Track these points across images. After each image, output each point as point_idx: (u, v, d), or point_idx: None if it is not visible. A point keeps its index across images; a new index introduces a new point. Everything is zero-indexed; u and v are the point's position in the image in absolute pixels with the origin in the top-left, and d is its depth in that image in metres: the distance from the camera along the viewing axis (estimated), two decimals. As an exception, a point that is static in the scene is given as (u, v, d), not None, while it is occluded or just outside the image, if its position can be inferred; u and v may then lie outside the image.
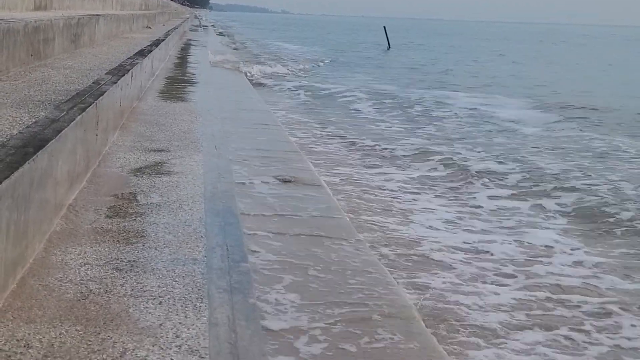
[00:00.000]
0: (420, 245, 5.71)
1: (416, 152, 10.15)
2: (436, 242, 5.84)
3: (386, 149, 10.29)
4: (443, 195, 7.73)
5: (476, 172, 8.81)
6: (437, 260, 5.34)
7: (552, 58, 41.60)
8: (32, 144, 2.80)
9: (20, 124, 3.25)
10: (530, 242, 6.02)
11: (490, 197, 7.68)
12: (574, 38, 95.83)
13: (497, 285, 4.96)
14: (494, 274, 5.18)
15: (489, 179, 8.48)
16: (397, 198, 7.40)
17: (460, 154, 10.20)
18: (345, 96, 17.28)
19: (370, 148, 10.28)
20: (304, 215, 3.69)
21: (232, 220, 3.44)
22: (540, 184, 8.35)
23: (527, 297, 4.76)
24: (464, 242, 5.91)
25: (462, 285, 4.89)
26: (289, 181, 4.30)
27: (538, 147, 11.18)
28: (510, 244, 5.96)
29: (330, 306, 2.64)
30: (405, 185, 8.04)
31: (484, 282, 4.99)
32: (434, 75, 25.55)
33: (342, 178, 8.06)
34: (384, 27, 54.61)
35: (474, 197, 7.67)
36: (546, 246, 5.96)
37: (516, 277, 5.15)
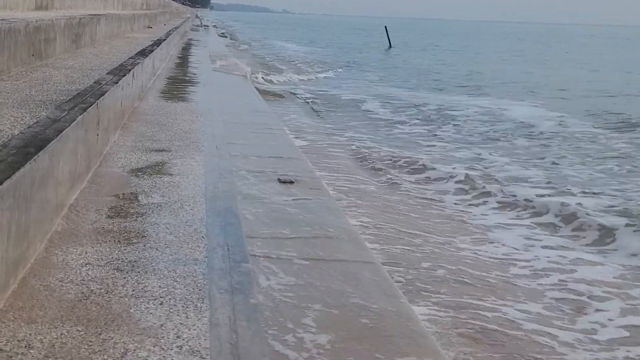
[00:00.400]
0: (501, 267, 5.37)
1: (459, 161, 9.84)
2: (518, 263, 5.46)
3: (413, 157, 9.93)
4: (507, 207, 7.39)
5: (529, 182, 8.53)
6: (522, 286, 4.99)
7: (574, 58, 40.99)
8: (33, 144, 2.80)
9: (21, 124, 3.25)
10: (621, 262, 5.67)
11: (559, 209, 7.28)
12: (575, 38, 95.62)
13: (595, 314, 4.53)
14: (587, 298, 4.76)
15: (546, 190, 8.17)
16: (457, 212, 7.11)
17: (502, 162, 9.94)
18: (360, 101, 16.89)
19: (397, 157, 9.87)
20: (313, 228, 3.46)
21: (233, 220, 3.43)
22: (596, 193, 8.12)
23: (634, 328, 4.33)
24: (548, 262, 5.52)
25: (555, 318, 4.42)
26: (291, 182, 4.29)
27: (581, 154, 11.02)
28: (602, 264, 5.57)
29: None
30: (461, 198, 7.70)
31: (583, 313, 4.53)
32: (460, 79, 24.82)
33: (381, 187, 7.79)
34: (385, 27, 54.77)
35: (538, 209, 7.32)
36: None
37: (611, 299, 4.75)
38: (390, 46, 49.72)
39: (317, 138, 10.93)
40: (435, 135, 12.38)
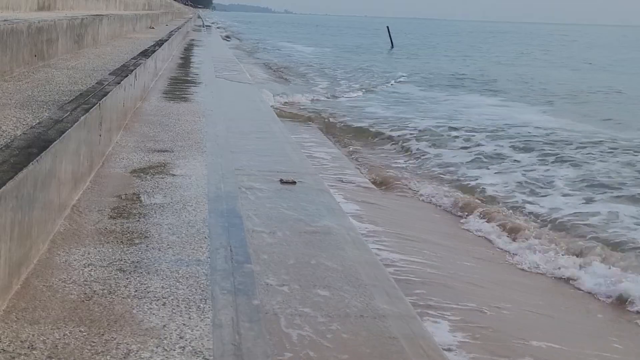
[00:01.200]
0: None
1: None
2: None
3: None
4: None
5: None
6: None
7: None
8: (36, 144, 2.80)
9: (24, 124, 3.25)
10: None
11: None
12: (579, 37, 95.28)
13: None
14: None
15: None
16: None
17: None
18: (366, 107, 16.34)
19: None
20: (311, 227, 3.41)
21: (236, 221, 3.43)
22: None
23: None
24: None
25: None
26: (293, 182, 4.30)
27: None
28: None
29: None
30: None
31: None
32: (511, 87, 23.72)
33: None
34: (387, 28, 54.89)
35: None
36: None
37: None
38: (392, 46, 49.80)
39: (341, 148, 10.79)
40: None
